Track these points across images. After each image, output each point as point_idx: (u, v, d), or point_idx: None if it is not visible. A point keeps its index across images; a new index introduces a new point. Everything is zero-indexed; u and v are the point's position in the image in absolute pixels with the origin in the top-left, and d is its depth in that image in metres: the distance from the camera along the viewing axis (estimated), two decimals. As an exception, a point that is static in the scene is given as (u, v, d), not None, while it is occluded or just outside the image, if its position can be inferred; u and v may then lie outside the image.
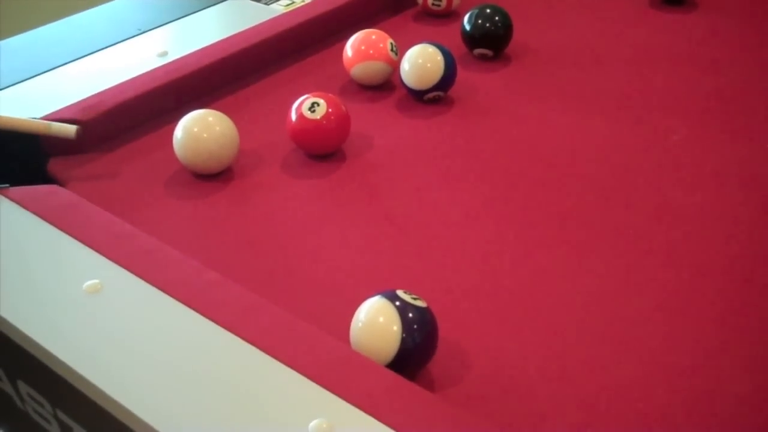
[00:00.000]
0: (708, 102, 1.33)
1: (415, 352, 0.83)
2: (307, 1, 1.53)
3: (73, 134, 1.12)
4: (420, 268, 1.01)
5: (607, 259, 1.02)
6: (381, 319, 0.83)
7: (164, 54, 1.35)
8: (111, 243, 0.95)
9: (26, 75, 1.30)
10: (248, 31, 1.42)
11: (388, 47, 1.34)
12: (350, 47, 1.36)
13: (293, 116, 1.18)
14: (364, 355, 0.81)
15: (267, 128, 1.26)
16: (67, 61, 1.34)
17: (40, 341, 0.82)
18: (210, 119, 1.15)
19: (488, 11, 1.42)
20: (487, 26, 1.42)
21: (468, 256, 1.03)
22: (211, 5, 1.53)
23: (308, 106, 1.17)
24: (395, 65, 1.35)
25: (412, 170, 1.19)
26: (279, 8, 1.51)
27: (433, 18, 1.60)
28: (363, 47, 1.34)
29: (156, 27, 1.46)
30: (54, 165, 1.17)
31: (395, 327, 0.82)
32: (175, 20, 1.48)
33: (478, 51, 1.44)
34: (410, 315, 0.83)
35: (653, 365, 0.87)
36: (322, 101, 1.17)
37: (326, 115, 1.16)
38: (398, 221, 1.09)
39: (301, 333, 0.83)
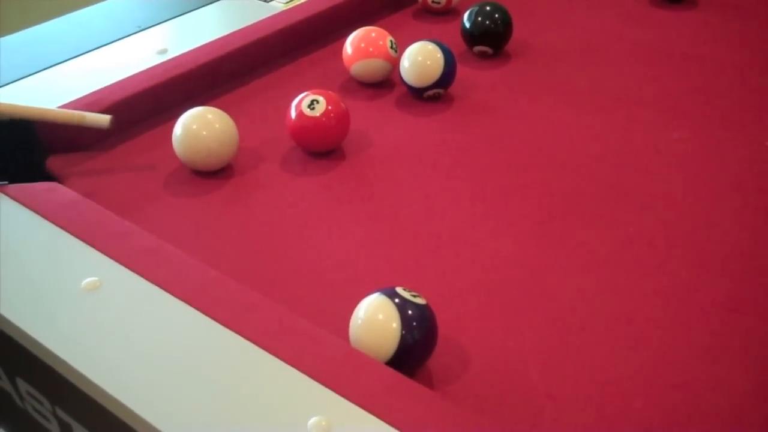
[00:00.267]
0: (708, 100, 1.33)
1: (415, 349, 0.83)
2: (307, -2, 1.53)
3: (108, 124, 1.13)
4: (419, 265, 1.01)
5: (607, 257, 1.02)
6: (380, 316, 0.83)
7: (164, 51, 1.35)
8: (110, 240, 0.95)
9: (26, 72, 1.30)
10: (248, 29, 1.42)
11: (388, 44, 1.34)
12: (350, 44, 1.35)
13: (293, 113, 1.18)
14: (364, 353, 0.81)
15: (266, 125, 1.26)
16: (67, 59, 1.34)
17: (39, 339, 0.82)
18: (209, 116, 1.15)
19: (488, 8, 1.42)
20: (487, 24, 1.42)
21: (467, 253, 1.03)
22: (211, 2, 1.53)
23: (308, 104, 1.17)
24: (395, 62, 1.35)
25: (412, 167, 1.19)
26: (279, 5, 1.51)
27: (433, 15, 1.60)
28: (363, 44, 1.34)
29: (155, 24, 1.45)
30: (53, 162, 1.17)
31: (394, 324, 0.82)
32: (175, 17, 1.48)
33: (478, 48, 1.44)
34: (409, 312, 0.83)
35: (653, 363, 0.87)
36: (322, 98, 1.17)
37: (326, 113, 1.16)
38: (398, 218, 1.09)
39: (300, 330, 0.83)
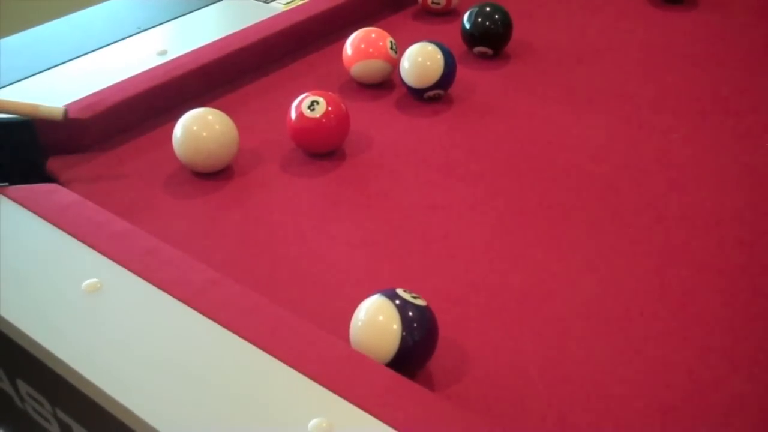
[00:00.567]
0: (708, 100, 1.33)
1: (415, 351, 0.83)
2: None
3: (61, 116, 1.10)
4: (420, 267, 1.01)
5: (607, 257, 1.02)
6: (381, 318, 0.83)
7: (164, 52, 1.35)
8: (110, 242, 0.95)
9: (26, 73, 1.30)
10: (248, 30, 1.42)
11: (388, 45, 1.34)
12: (350, 45, 1.35)
13: (293, 115, 1.18)
14: (364, 354, 0.81)
15: (266, 127, 1.26)
16: (67, 60, 1.34)
17: (40, 340, 0.82)
18: (209, 118, 1.15)
19: (488, 9, 1.42)
20: (487, 24, 1.42)
21: (468, 255, 1.03)
22: (211, 3, 1.53)
23: (308, 105, 1.17)
24: (395, 63, 1.35)
25: (412, 169, 1.19)
26: (279, 6, 1.51)
27: (433, 16, 1.60)
28: (363, 45, 1.34)
29: (156, 25, 1.45)
30: (53, 164, 1.17)
31: (395, 325, 0.82)
32: (175, 18, 1.48)
33: (478, 49, 1.44)
34: (410, 313, 0.83)
35: (653, 363, 0.87)
36: (322, 100, 1.17)
37: (326, 114, 1.16)
38: (398, 219, 1.09)
39: (301, 332, 0.83)
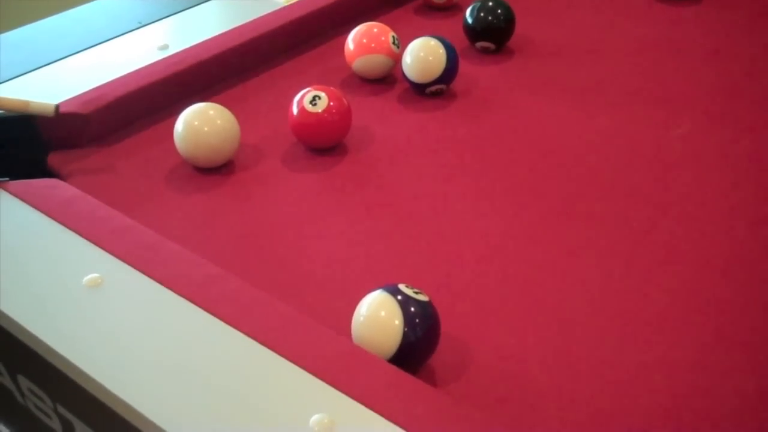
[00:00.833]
0: (711, 95, 1.33)
1: (417, 347, 0.83)
2: (308, -6, 1.52)
3: (52, 112, 1.10)
4: (422, 262, 1.00)
5: (610, 254, 1.01)
6: (383, 314, 0.82)
7: (165, 47, 1.34)
8: (111, 237, 0.95)
9: (26, 68, 1.29)
10: (249, 24, 1.41)
11: (390, 40, 1.34)
12: (352, 40, 1.35)
13: (294, 110, 1.17)
14: (366, 350, 0.81)
15: (268, 122, 1.26)
16: (68, 55, 1.34)
17: (41, 336, 0.82)
18: (211, 112, 1.14)
19: (490, 4, 1.41)
20: (489, 19, 1.41)
21: (470, 250, 1.02)
22: (210, -1, 1.53)
23: (310, 100, 1.16)
24: (397, 58, 1.35)
25: (414, 164, 1.19)
26: (280, 1, 1.50)
27: (435, 11, 1.59)
28: (365, 40, 1.34)
29: (156, 20, 1.45)
30: (54, 159, 1.17)
31: (397, 321, 0.81)
32: (176, 13, 1.48)
33: (480, 44, 1.44)
34: (412, 309, 0.82)
35: (656, 360, 0.86)
36: (324, 94, 1.17)
37: (328, 109, 1.16)
38: (400, 215, 1.09)
39: (303, 327, 0.82)
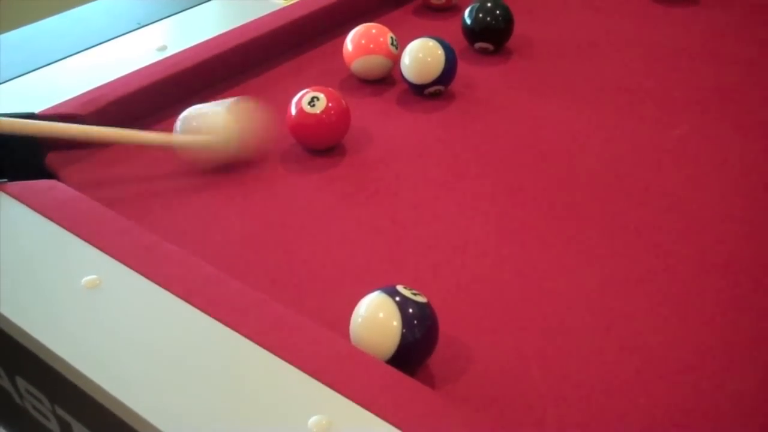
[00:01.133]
0: (710, 97, 1.33)
1: (415, 348, 0.83)
2: (307, -5, 1.52)
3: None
4: (420, 264, 1.00)
5: (608, 255, 1.01)
6: (381, 315, 0.82)
7: (164, 48, 1.34)
8: (110, 238, 0.95)
9: (25, 69, 1.29)
10: (248, 25, 1.41)
11: (389, 41, 1.34)
12: (350, 41, 1.35)
13: (293, 111, 1.18)
14: (364, 351, 0.81)
15: (267, 123, 1.26)
16: (67, 55, 1.34)
17: (39, 337, 0.82)
18: (240, 106, 1.16)
19: (489, 5, 1.41)
20: (488, 20, 1.41)
21: (469, 251, 1.02)
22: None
23: (308, 101, 1.16)
24: (396, 59, 1.35)
25: (413, 165, 1.19)
26: (278, 2, 1.50)
27: (434, 12, 1.59)
28: (363, 41, 1.34)
29: (155, 21, 1.45)
30: (52, 159, 1.17)
31: (395, 322, 0.81)
32: (175, 14, 1.48)
33: (479, 45, 1.44)
34: (410, 310, 0.82)
35: (655, 361, 0.86)
36: (322, 95, 1.17)
37: (326, 110, 1.16)
38: (398, 216, 1.09)
39: (301, 328, 0.83)
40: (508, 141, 1.23)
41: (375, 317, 0.83)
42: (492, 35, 1.42)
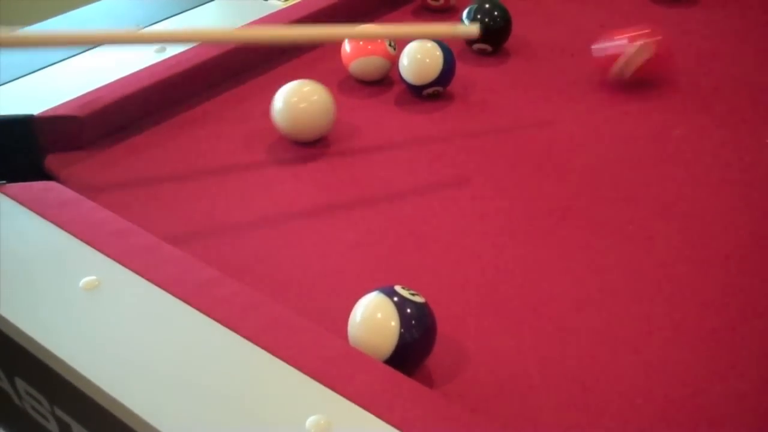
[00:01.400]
0: (708, 97, 1.33)
1: (414, 348, 0.83)
2: (305, -3, 1.52)
3: (477, 32, 1.26)
4: (418, 264, 1.01)
5: (608, 255, 1.01)
6: (379, 315, 0.82)
7: (162, 50, 1.34)
8: (109, 240, 0.95)
9: (24, 71, 1.29)
10: (247, 27, 1.41)
11: (387, 42, 1.34)
12: (348, 42, 1.35)
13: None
14: (362, 351, 0.81)
15: (265, 125, 1.26)
16: (66, 58, 1.34)
17: (38, 338, 0.82)
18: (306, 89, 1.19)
19: (487, 6, 1.41)
20: (486, 21, 1.41)
21: (467, 252, 1.02)
22: (209, 1, 1.53)
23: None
24: (394, 60, 1.35)
25: (411, 165, 1.19)
26: (277, 3, 1.51)
27: (432, 13, 1.59)
28: (361, 42, 1.34)
29: (154, 23, 1.45)
30: (51, 161, 1.17)
31: (393, 323, 0.82)
32: (174, 16, 1.48)
33: (477, 46, 1.44)
34: (408, 310, 0.82)
35: (654, 361, 0.86)
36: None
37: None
38: (397, 216, 1.09)
39: (299, 329, 0.83)
40: (507, 142, 1.23)
41: (373, 317, 0.83)
42: (490, 36, 1.42)
